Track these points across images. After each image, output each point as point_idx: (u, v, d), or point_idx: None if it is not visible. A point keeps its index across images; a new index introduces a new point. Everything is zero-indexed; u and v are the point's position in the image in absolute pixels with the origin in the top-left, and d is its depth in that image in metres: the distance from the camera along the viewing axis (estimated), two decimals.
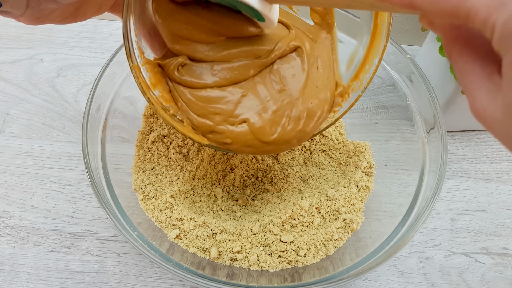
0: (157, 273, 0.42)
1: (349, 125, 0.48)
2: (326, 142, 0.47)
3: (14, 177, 0.47)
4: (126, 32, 0.29)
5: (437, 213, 0.46)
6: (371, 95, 0.47)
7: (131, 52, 0.30)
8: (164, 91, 0.33)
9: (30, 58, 0.56)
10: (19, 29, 0.59)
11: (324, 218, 0.40)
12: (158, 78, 0.33)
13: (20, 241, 0.43)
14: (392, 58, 0.44)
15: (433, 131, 0.40)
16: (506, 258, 0.44)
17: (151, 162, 0.43)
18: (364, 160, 0.43)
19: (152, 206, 0.40)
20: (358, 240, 0.39)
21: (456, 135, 0.51)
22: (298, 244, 0.38)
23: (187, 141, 0.44)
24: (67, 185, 0.46)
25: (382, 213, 0.41)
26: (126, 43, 0.30)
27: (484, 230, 0.45)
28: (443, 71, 0.45)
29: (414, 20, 0.57)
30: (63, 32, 0.59)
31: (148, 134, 0.44)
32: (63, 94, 0.53)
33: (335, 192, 0.41)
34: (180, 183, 0.41)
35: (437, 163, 0.38)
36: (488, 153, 0.50)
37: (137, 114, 0.45)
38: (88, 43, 0.58)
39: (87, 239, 0.43)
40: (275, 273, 0.37)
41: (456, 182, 0.48)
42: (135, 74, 0.31)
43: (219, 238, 0.38)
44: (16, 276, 0.41)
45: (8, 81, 0.54)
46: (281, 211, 0.40)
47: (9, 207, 0.45)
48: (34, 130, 0.50)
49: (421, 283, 0.42)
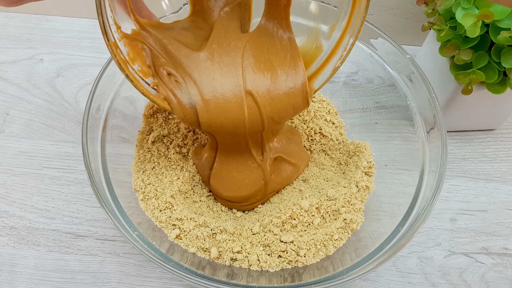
0: (157, 273, 0.42)
1: (349, 125, 0.48)
2: (326, 142, 0.47)
3: (14, 177, 0.47)
4: (100, 7, 0.29)
5: (437, 213, 0.46)
6: (371, 95, 0.47)
7: (106, 29, 0.30)
8: (143, 64, 0.33)
9: (30, 58, 0.56)
10: (19, 29, 0.59)
11: (324, 218, 0.40)
12: (137, 51, 0.33)
13: (20, 241, 0.43)
14: (392, 58, 0.44)
15: (433, 131, 0.40)
16: (506, 258, 0.44)
17: (151, 162, 0.43)
18: (364, 160, 0.43)
19: (152, 206, 0.40)
20: (358, 240, 0.39)
21: (456, 135, 0.51)
22: (298, 244, 0.38)
23: (187, 141, 0.44)
24: (67, 185, 0.46)
25: (382, 213, 0.41)
26: (101, 19, 0.29)
27: (484, 230, 0.45)
28: (443, 71, 0.45)
29: (414, 20, 0.57)
30: (63, 32, 0.59)
31: (148, 134, 0.44)
32: (63, 94, 0.53)
33: (335, 192, 0.41)
34: (180, 183, 0.41)
35: (437, 163, 0.38)
36: (488, 153, 0.50)
37: (137, 114, 0.45)
38: (88, 43, 0.58)
39: (87, 239, 0.43)
40: (275, 273, 0.37)
41: (456, 182, 0.48)
42: (112, 51, 0.30)
43: (219, 238, 0.38)
44: (16, 276, 0.41)
45: (8, 81, 0.54)
46: (281, 211, 0.40)
47: (9, 207, 0.45)
48: (34, 130, 0.50)
49: (421, 283, 0.42)
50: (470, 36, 0.39)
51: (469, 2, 0.40)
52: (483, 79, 0.41)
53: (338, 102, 0.49)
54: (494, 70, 0.41)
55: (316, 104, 0.49)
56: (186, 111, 0.34)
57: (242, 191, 0.41)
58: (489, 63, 0.41)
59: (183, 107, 0.34)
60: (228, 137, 0.36)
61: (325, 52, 0.35)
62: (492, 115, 0.49)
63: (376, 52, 0.45)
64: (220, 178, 0.41)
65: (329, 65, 0.35)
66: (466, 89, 0.42)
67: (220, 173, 0.41)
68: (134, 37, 0.33)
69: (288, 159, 0.42)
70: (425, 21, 0.44)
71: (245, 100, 0.34)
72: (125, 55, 0.32)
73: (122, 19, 0.32)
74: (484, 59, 0.41)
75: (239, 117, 0.34)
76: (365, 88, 0.48)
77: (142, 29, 0.33)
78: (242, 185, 0.41)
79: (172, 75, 0.33)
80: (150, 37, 0.33)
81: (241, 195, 0.41)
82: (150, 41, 0.33)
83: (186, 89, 0.33)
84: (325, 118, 0.48)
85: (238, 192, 0.41)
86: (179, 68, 0.33)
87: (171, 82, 0.33)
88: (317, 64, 0.36)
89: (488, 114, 0.48)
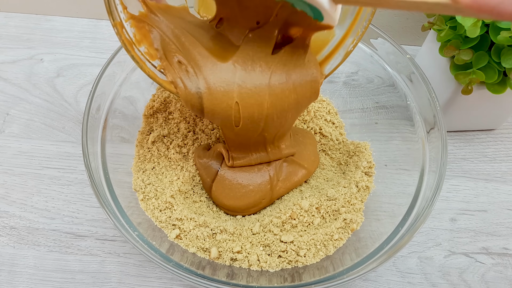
0: (157, 273, 0.42)
1: (349, 125, 0.48)
2: (326, 142, 0.47)
3: (14, 177, 0.47)
4: None
5: (437, 213, 0.46)
6: (371, 95, 0.47)
7: (111, 8, 0.29)
8: (151, 47, 0.33)
9: (30, 58, 0.56)
10: (19, 29, 0.59)
11: (324, 218, 0.40)
12: (144, 33, 0.33)
13: (20, 241, 0.43)
14: (392, 58, 0.44)
15: (433, 131, 0.40)
16: (506, 258, 0.44)
17: (151, 162, 0.43)
18: (364, 160, 0.43)
19: (152, 206, 0.40)
20: (358, 240, 0.39)
21: (456, 135, 0.51)
22: (298, 244, 0.38)
23: (187, 141, 0.44)
24: (67, 185, 0.46)
25: (382, 213, 0.41)
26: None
27: (484, 230, 0.45)
28: (443, 71, 0.45)
29: (414, 20, 0.57)
30: (63, 32, 0.59)
31: (148, 134, 0.44)
32: (63, 94, 0.53)
33: (335, 192, 0.41)
34: (180, 183, 0.41)
35: (437, 163, 0.38)
36: (488, 153, 0.50)
37: (137, 114, 0.45)
38: (88, 43, 0.58)
39: (87, 239, 0.43)
40: (275, 273, 0.37)
41: (456, 182, 0.48)
42: (117, 32, 0.30)
43: (219, 238, 0.38)
44: (16, 276, 0.41)
45: (8, 81, 0.54)
46: (281, 211, 0.40)
47: (9, 207, 0.45)
48: (34, 130, 0.50)
49: (421, 283, 0.42)
50: (470, 36, 0.39)
51: None
52: (483, 79, 0.41)
53: (338, 102, 0.49)
54: (494, 70, 0.41)
55: (316, 104, 0.49)
56: (191, 97, 0.34)
57: (246, 199, 0.41)
58: (489, 63, 0.41)
59: (188, 93, 0.34)
60: (232, 131, 0.36)
61: (337, 36, 0.35)
62: (492, 115, 0.49)
63: (376, 52, 0.45)
64: (223, 186, 0.41)
65: (341, 50, 0.34)
66: (466, 89, 0.42)
67: (224, 180, 0.41)
68: (142, 19, 0.32)
69: (300, 163, 0.42)
70: (425, 21, 0.44)
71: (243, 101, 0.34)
72: (131, 36, 0.32)
73: (129, 0, 0.32)
74: (484, 59, 0.41)
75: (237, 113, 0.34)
76: (365, 88, 0.48)
77: (150, 12, 0.33)
78: (246, 192, 0.40)
79: (183, 64, 0.33)
80: (160, 22, 0.33)
81: (245, 204, 0.41)
82: (161, 26, 0.33)
83: (195, 80, 0.33)
84: (325, 118, 0.48)
85: (241, 200, 0.41)
86: (192, 62, 0.33)
87: (181, 70, 0.33)
88: (329, 48, 0.35)
89: (488, 114, 0.48)
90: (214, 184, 0.41)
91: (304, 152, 0.43)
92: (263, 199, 0.41)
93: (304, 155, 0.43)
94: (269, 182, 0.41)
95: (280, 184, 0.41)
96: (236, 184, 0.41)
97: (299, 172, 0.42)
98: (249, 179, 0.41)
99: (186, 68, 0.33)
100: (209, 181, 0.42)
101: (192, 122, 0.45)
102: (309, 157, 0.43)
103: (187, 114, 0.44)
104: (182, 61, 0.33)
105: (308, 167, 0.43)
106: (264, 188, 0.41)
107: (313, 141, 0.45)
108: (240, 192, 0.41)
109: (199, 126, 0.45)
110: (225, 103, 0.33)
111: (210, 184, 0.41)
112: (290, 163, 0.42)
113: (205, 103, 0.33)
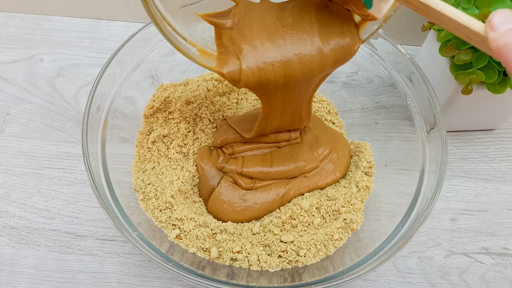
0: (157, 273, 0.42)
1: (349, 125, 0.48)
2: None
3: (14, 177, 0.47)
4: None
5: (437, 213, 0.46)
6: (371, 95, 0.47)
7: None
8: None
9: (30, 58, 0.56)
10: (19, 29, 0.59)
11: (324, 218, 0.40)
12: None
13: (20, 241, 0.43)
14: (392, 58, 0.44)
15: (433, 131, 0.40)
16: (506, 258, 0.44)
17: (151, 162, 0.43)
18: (364, 160, 0.43)
19: (152, 206, 0.40)
20: (358, 240, 0.39)
21: (456, 135, 0.51)
22: (298, 244, 0.38)
23: (187, 141, 0.44)
24: (67, 185, 0.47)
25: (382, 213, 0.41)
26: None
27: (484, 230, 0.45)
28: (443, 71, 0.45)
29: (414, 20, 0.57)
30: (63, 32, 0.59)
31: (148, 134, 0.44)
32: (63, 94, 0.53)
33: (335, 192, 0.41)
34: (180, 183, 0.41)
35: (437, 163, 0.38)
36: (488, 153, 0.50)
37: (137, 114, 0.45)
38: (88, 43, 0.58)
39: (87, 239, 0.43)
40: (275, 273, 0.37)
41: (456, 182, 0.48)
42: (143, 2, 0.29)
43: (219, 238, 0.38)
44: (16, 276, 0.41)
45: (8, 81, 0.54)
46: (281, 211, 0.40)
47: (9, 207, 0.45)
48: (34, 130, 0.50)
49: (421, 283, 0.42)
50: None
51: (469, 2, 0.40)
52: (483, 79, 0.41)
53: (338, 102, 0.49)
54: (494, 70, 0.41)
55: (316, 104, 0.49)
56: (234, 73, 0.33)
57: (249, 213, 0.40)
58: (489, 63, 0.41)
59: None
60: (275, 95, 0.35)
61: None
62: (492, 115, 0.49)
63: (376, 52, 0.45)
64: (220, 202, 0.40)
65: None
66: (466, 89, 0.42)
67: (221, 196, 0.40)
68: None
69: (335, 168, 0.42)
70: (425, 21, 0.44)
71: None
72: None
73: None
74: (484, 59, 0.41)
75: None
76: (365, 88, 0.48)
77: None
78: (248, 206, 0.40)
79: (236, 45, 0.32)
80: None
81: (246, 218, 0.40)
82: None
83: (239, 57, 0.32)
84: (325, 118, 0.48)
85: (241, 215, 0.40)
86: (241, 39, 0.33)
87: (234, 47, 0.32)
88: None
89: (488, 114, 0.48)
90: (210, 200, 0.41)
91: (342, 159, 0.43)
92: (269, 211, 0.41)
93: (342, 161, 0.43)
94: (281, 197, 0.40)
95: (299, 188, 0.41)
96: (236, 199, 0.40)
97: (329, 177, 0.42)
98: (256, 198, 0.40)
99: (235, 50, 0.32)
100: (205, 193, 0.41)
101: (192, 122, 0.45)
102: (346, 165, 0.44)
103: (187, 114, 0.44)
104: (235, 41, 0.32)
105: (340, 175, 0.43)
106: (273, 203, 0.40)
107: (347, 149, 0.45)
108: (242, 207, 0.40)
109: (199, 126, 0.45)
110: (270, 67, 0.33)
111: (206, 197, 0.41)
112: (326, 164, 0.42)
113: (248, 75, 0.32)
